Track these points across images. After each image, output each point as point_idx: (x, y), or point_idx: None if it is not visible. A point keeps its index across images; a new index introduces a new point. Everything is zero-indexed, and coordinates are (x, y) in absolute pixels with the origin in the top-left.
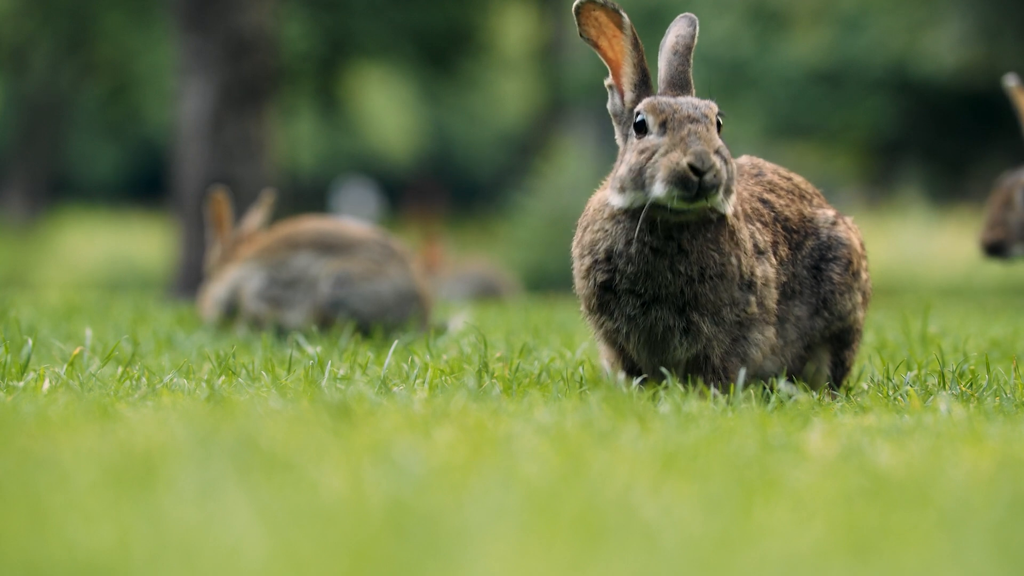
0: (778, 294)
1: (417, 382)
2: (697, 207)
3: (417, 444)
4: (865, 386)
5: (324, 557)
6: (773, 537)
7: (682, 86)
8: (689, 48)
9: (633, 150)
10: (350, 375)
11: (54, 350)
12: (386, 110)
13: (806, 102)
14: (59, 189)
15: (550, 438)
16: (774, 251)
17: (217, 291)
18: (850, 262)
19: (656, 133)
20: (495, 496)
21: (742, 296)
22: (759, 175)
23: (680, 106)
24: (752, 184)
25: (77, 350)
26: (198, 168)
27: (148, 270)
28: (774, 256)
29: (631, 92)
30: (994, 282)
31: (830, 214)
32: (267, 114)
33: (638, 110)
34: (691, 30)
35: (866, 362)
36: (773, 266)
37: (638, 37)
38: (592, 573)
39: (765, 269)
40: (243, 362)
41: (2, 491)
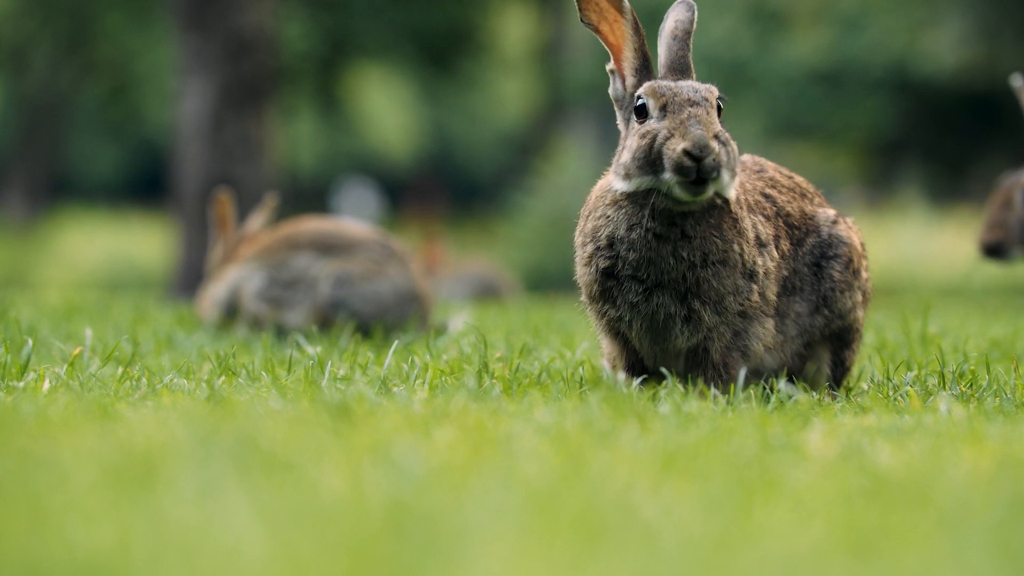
0: (779, 288)
1: (417, 382)
2: (702, 198)
3: (417, 444)
4: (865, 386)
5: (324, 557)
6: (773, 537)
7: (682, 70)
8: (688, 33)
9: (634, 135)
10: (350, 375)
11: (54, 350)
12: (386, 110)
13: (806, 102)
14: (59, 189)
15: (550, 438)
16: (776, 244)
17: (217, 291)
18: (850, 260)
19: (656, 117)
20: (495, 496)
21: (744, 284)
22: (761, 171)
23: (680, 90)
24: (754, 179)
25: (77, 350)
26: (198, 168)
27: (148, 270)
28: (775, 250)
29: (632, 77)
30: (994, 282)
31: (831, 213)
32: (267, 114)
33: (639, 94)
34: (689, 15)
35: (866, 362)
36: (774, 259)
37: (639, 22)
38: (592, 573)
39: (766, 260)
40: (243, 362)
41: (2, 491)
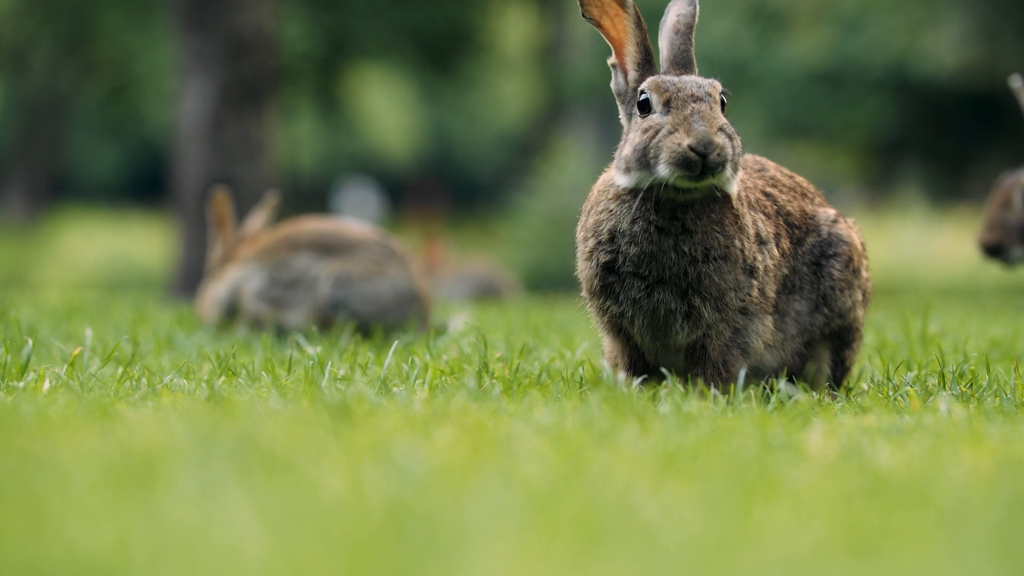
0: (779, 286)
1: (417, 382)
2: (703, 185)
3: (417, 444)
4: (865, 386)
5: (324, 557)
6: (773, 537)
7: (685, 65)
8: (690, 27)
9: (637, 129)
10: (350, 375)
11: (54, 350)
12: (386, 110)
13: (806, 102)
14: (59, 189)
15: (550, 438)
16: (776, 243)
17: (217, 291)
18: (850, 259)
19: (660, 112)
20: (495, 496)
21: (745, 280)
22: (762, 170)
23: (684, 85)
24: (755, 178)
25: (77, 350)
26: (198, 168)
27: (148, 270)
28: (776, 248)
29: (635, 71)
30: (994, 282)
31: (831, 213)
32: (267, 114)
33: (642, 89)
34: (691, 8)
35: (866, 362)
36: (774, 257)
37: (640, 16)
38: (592, 573)
39: (766, 258)
40: (243, 362)
41: (2, 491)
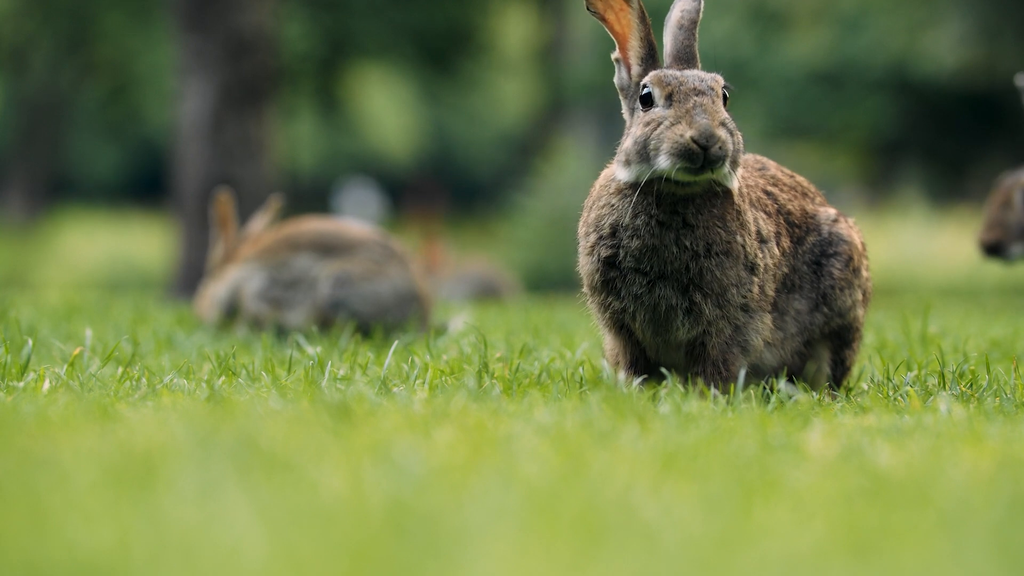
0: (779, 285)
1: (417, 382)
2: (703, 179)
3: (417, 444)
4: (865, 386)
5: (324, 557)
6: (773, 537)
7: (688, 60)
8: (694, 23)
9: (639, 123)
10: (350, 375)
11: (54, 350)
12: (386, 110)
13: (806, 102)
14: (59, 189)
15: (550, 438)
16: (776, 241)
17: (217, 291)
18: (851, 258)
19: (662, 105)
20: (495, 496)
21: (747, 276)
22: (763, 169)
23: (686, 78)
24: (756, 176)
25: (77, 350)
26: (198, 168)
27: (148, 270)
28: (776, 247)
29: (638, 66)
30: (994, 282)
31: (832, 212)
32: (267, 114)
33: (644, 82)
34: (695, 5)
35: (866, 362)
36: (774, 256)
37: (645, 10)
38: (592, 573)
39: (766, 256)
40: (243, 362)
41: (2, 491)
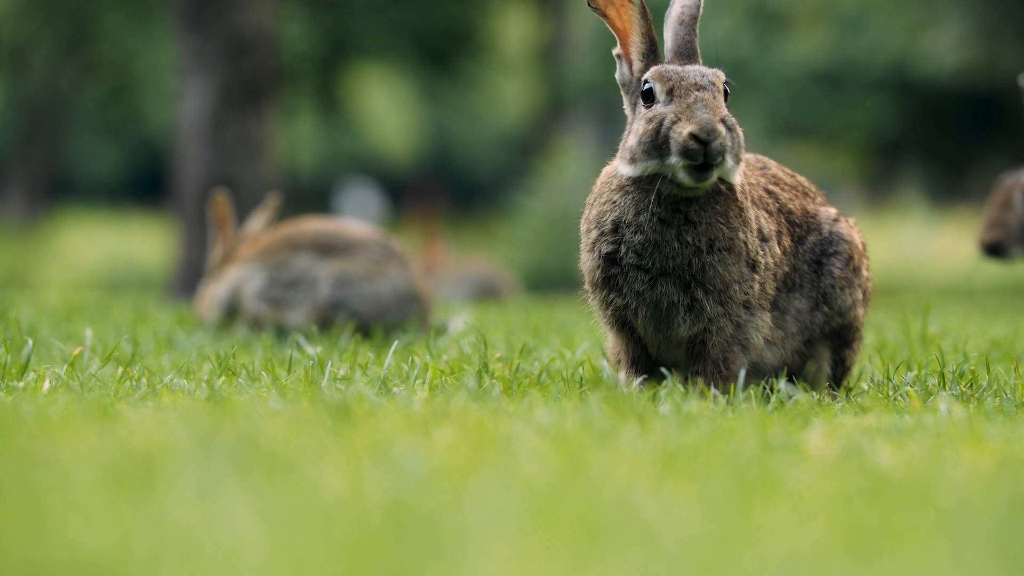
0: (779, 284)
1: (417, 382)
2: (705, 184)
3: (417, 444)
4: (865, 386)
5: (324, 557)
6: (773, 537)
7: (689, 55)
8: (695, 18)
9: (641, 119)
10: (350, 375)
11: (54, 350)
12: (386, 110)
13: (806, 102)
14: (59, 189)
15: (550, 438)
16: (777, 240)
17: (217, 291)
18: (851, 258)
19: (663, 101)
20: (495, 496)
21: (748, 273)
22: (764, 168)
23: (687, 74)
24: (758, 175)
25: (77, 350)
26: (198, 168)
27: (148, 270)
28: (777, 245)
29: (639, 61)
30: (994, 282)
31: (832, 212)
32: (267, 114)
33: (645, 78)
34: (695, 0)
35: (866, 362)
36: (775, 255)
37: (646, 6)
38: (592, 573)
39: (767, 255)
40: (243, 362)
41: (2, 491)
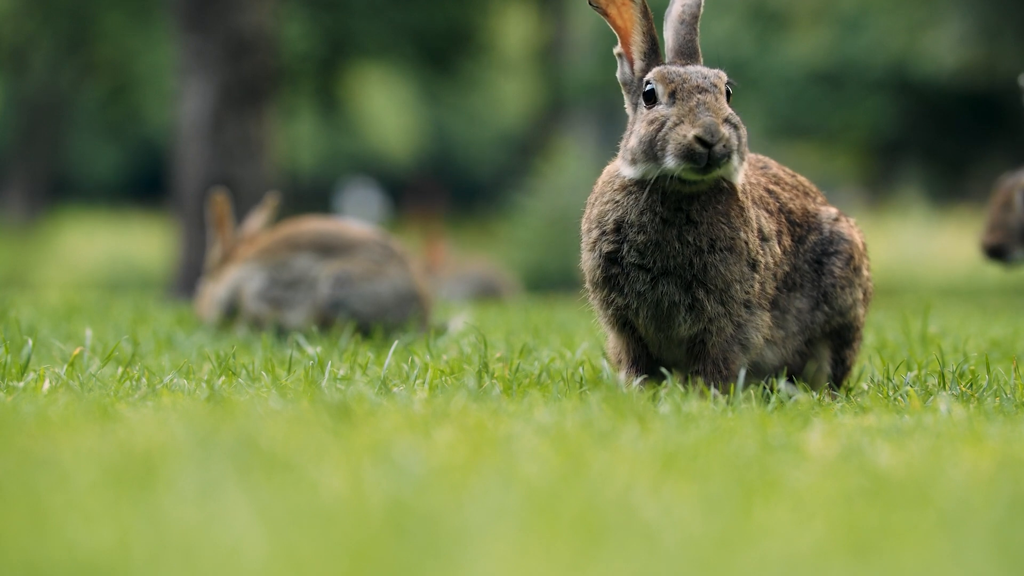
0: (780, 284)
1: (417, 382)
2: (709, 178)
3: (417, 444)
4: (865, 386)
5: (324, 557)
6: (773, 537)
7: (690, 55)
8: (695, 17)
9: (643, 120)
10: (350, 375)
11: (54, 350)
12: (386, 110)
13: (806, 102)
14: (59, 189)
15: (550, 438)
16: (778, 240)
17: (217, 292)
18: (851, 257)
19: (665, 103)
20: (495, 496)
21: (749, 273)
22: (765, 168)
23: (689, 75)
24: (758, 175)
25: (77, 350)
26: (198, 168)
27: (148, 270)
28: (778, 245)
29: (641, 61)
30: (994, 282)
31: (833, 211)
32: (267, 114)
33: (647, 79)
34: None
35: (866, 362)
36: (775, 255)
37: (647, 5)
38: (592, 573)
39: (767, 254)
40: (243, 362)
41: (2, 491)
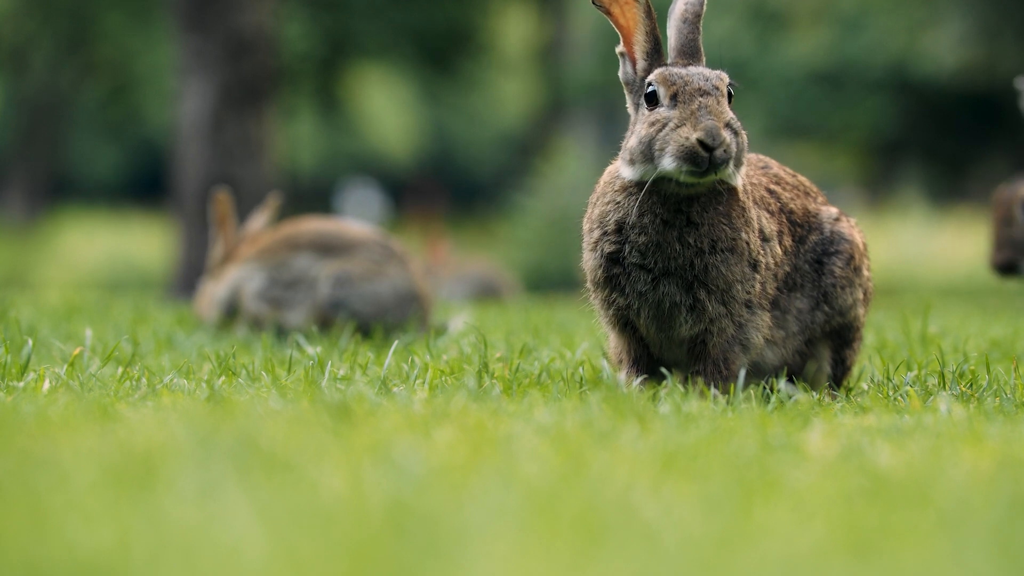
0: (780, 284)
1: (417, 382)
2: (707, 181)
3: (417, 444)
4: (865, 386)
5: (324, 557)
6: (773, 537)
7: (692, 54)
8: (698, 16)
9: (644, 122)
10: (350, 375)
11: (54, 350)
12: (386, 110)
13: (806, 102)
14: (59, 189)
15: (550, 438)
16: (779, 240)
17: (218, 291)
18: (852, 257)
19: (667, 105)
20: (495, 496)
21: (750, 273)
22: (766, 168)
23: (691, 78)
24: (759, 175)
25: (77, 350)
26: (198, 168)
27: (148, 270)
28: (778, 245)
29: (643, 60)
30: (994, 282)
31: (834, 211)
32: (267, 114)
33: (649, 80)
34: None
35: (866, 362)
36: (776, 255)
37: (651, 5)
38: (592, 573)
39: (768, 254)
40: (243, 362)
41: (2, 491)
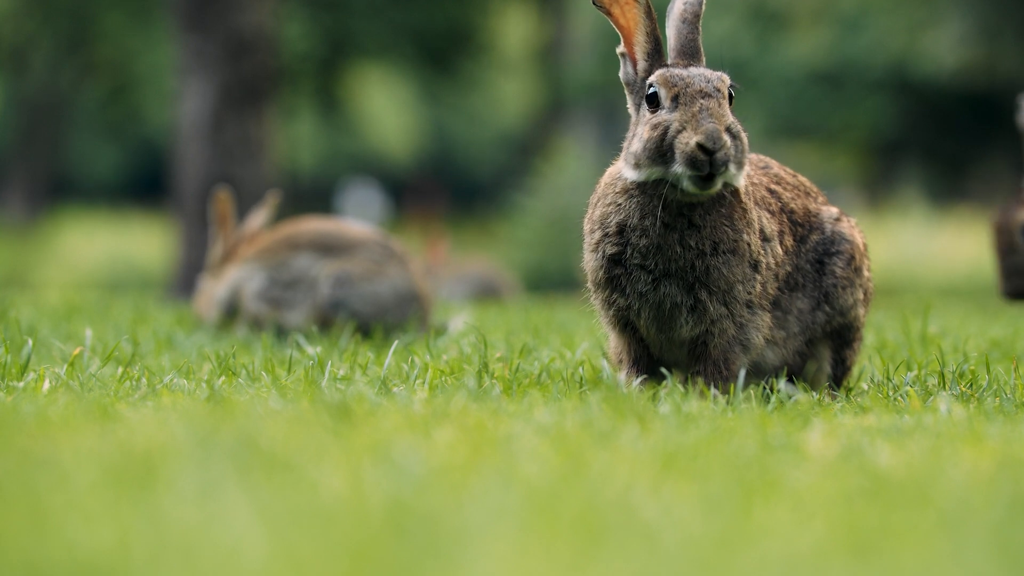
0: (781, 284)
1: (417, 382)
2: (707, 193)
3: (417, 444)
4: (865, 386)
5: (324, 557)
6: (773, 537)
7: (692, 54)
8: (697, 15)
9: (646, 124)
10: (350, 375)
11: (54, 350)
12: (386, 110)
13: (806, 102)
14: (59, 189)
15: (550, 438)
16: (780, 240)
17: (217, 291)
18: (852, 257)
19: (668, 107)
20: (495, 496)
21: (751, 274)
22: (766, 168)
23: (692, 80)
24: (760, 175)
25: (77, 350)
26: (198, 168)
27: (148, 270)
28: (779, 246)
29: (644, 61)
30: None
31: (834, 211)
32: (267, 114)
33: (650, 82)
34: None
35: (866, 362)
36: (776, 256)
37: (651, 5)
38: (592, 573)
39: (769, 255)
40: (243, 362)
41: (2, 491)
